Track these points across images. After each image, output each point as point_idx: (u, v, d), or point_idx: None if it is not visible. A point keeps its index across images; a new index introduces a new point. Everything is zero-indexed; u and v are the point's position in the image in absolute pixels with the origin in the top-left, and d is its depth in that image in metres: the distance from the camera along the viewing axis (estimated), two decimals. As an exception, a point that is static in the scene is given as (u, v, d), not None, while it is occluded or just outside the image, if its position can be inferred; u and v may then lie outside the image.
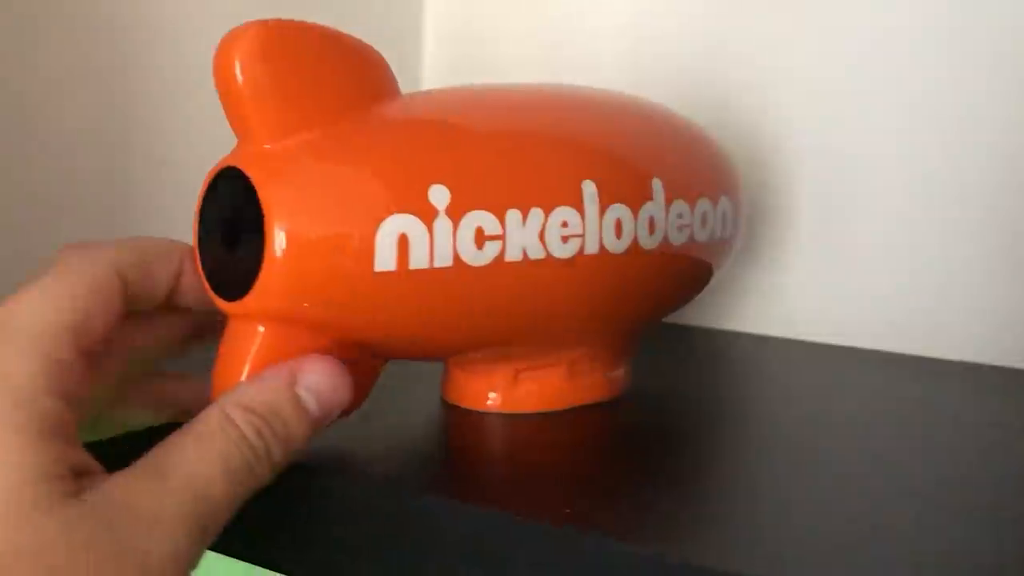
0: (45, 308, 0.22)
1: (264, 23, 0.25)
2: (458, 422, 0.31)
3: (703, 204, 0.32)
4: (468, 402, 0.32)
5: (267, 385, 0.24)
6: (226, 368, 0.25)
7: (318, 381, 0.25)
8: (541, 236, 0.28)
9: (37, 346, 0.22)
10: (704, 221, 0.32)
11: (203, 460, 0.22)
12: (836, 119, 0.42)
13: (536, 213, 0.28)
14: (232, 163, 0.25)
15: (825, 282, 0.43)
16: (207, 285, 0.26)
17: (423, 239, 0.26)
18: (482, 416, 0.31)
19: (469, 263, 0.26)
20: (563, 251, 0.28)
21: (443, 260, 0.26)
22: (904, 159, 0.41)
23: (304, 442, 0.24)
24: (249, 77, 0.25)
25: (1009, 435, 0.32)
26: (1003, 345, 0.40)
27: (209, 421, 0.23)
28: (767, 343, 0.44)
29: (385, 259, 0.25)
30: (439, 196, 0.26)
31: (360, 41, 0.27)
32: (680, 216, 0.31)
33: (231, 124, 0.25)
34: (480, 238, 0.27)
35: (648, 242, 0.30)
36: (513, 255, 0.27)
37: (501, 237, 0.27)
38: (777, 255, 0.45)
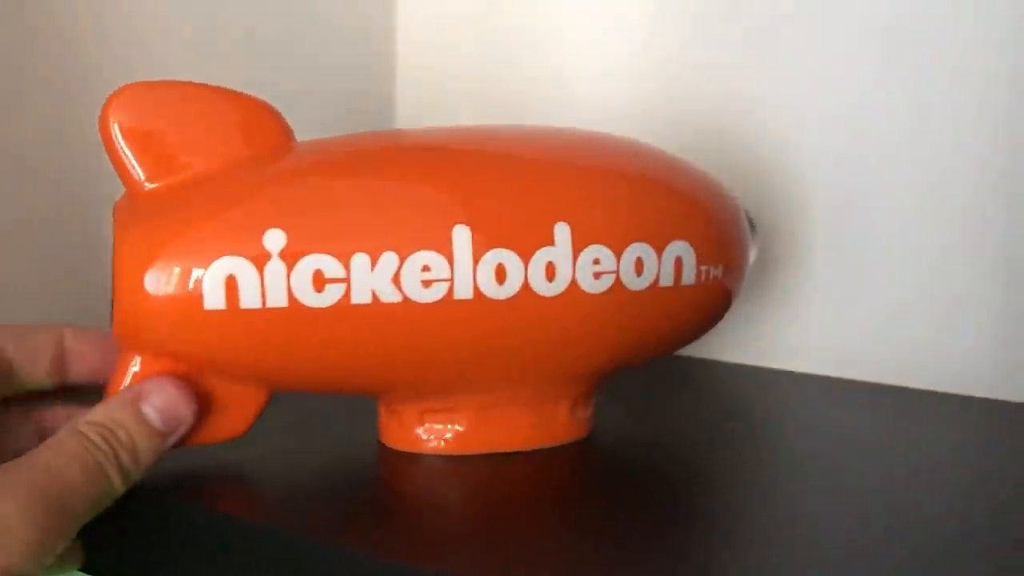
0: None
1: (137, 85, 0.28)
2: (373, 462, 0.32)
3: (638, 249, 0.30)
4: (389, 441, 0.32)
5: (112, 403, 0.27)
6: (106, 395, 0.29)
7: (162, 398, 0.28)
8: (395, 280, 0.28)
9: None
10: (640, 268, 0.30)
11: (55, 457, 0.25)
12: (848, 150, 0.41)
13: (389, 257, 0.28)
14: (113, 206, 0.29)
15: (836, 316, 0.42)
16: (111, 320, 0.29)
17: (253, 281, 0.27)
18: (399, 456, 0.32)
19: (307, 304, 0.27)
20: (425, 295, 0.28)
21: (276, 301, 0.27)
22: (920, 193, 0.40)
23: (151, 452, 0.27)
24: (123, 133, 0.28)
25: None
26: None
27: (60, 434, 0.26)
28: (769, 376, 0.42)
29: (214, 298, 0.27)
30: (274, 240, 0.27)
31: (247, 96, 0.29)
32: (597, 263, 0.29)
33: (115, 171, 0.29)
34: (319, 280, 0.27)
35: (547, 289, 0.29)
36: (361, 298, 0.28)
37: (345, 280, 0.28)
38: (786, 287, 0.43)
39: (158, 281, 0.27)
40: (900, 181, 0.40)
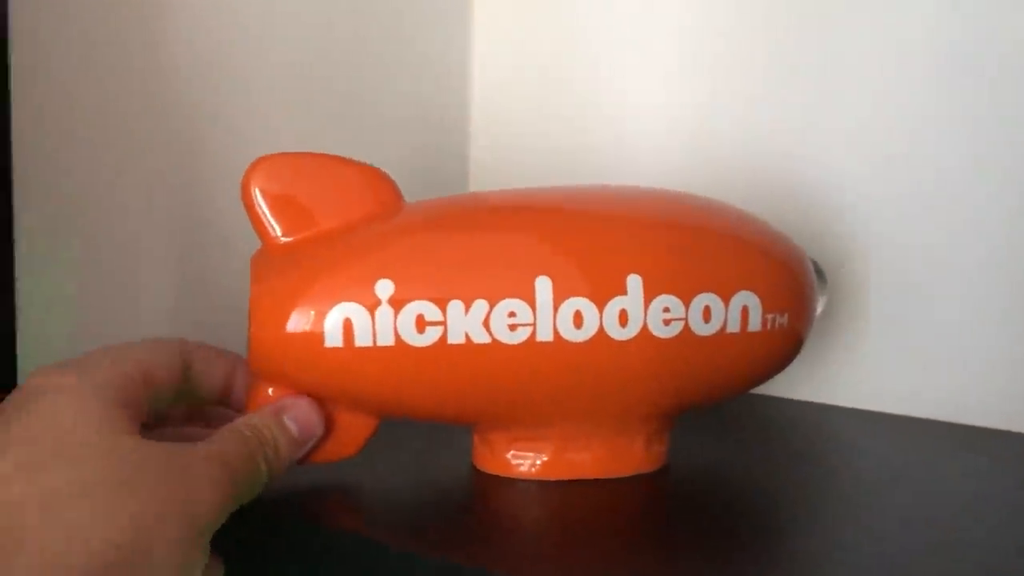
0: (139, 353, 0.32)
1: (273, 156, 0.34)
2: (467, 483, 0.36)
3: (706, 299, 0.33)
4: (482, 465, 0.36)
5: (260, 412, 0.33)
6: (245, 412, 0.34)
7: (298, 412, 0.33)
8: (486, 323, 0.32)
9: (139, 366, 0.31)
10: (707, 316, 0.33)
11: (226, 444, 0.31)
12: (907, 197, 0.43)
13: (480, 304, 0.32)
14: (251, 258, 0.34)
15: (899, 356, 0.44)
16: None
17: (366, 323, 0.32)
18: (490, 479, 0.36)
19: (411, 344, 0.32)
20: (511, 337, 0.32)
21: (385, 340, 0.32)
22: (978, 235, 0.41)
23: (288, 454, 0.32)
24: (262, 195, 0.33)
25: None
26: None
27: (222, 431, 0.31)
28: (835, 413, 0.44)
29: (333, 338, 0.32)
30: (384, 288, 0.32)
31: (364, 165, 0.34)
32: (667, 310, 0.33)
33: (254, 228, 0.34)
34: (421, 323, 0.32)
35: (620, 333, 0.33)
36: (456, 339, 0.32)
37: (442, 323, 0.32)
38: (851, 329, 0.45)
39: (288, 323, 0.32)
40: (959, 225, 0.42)
